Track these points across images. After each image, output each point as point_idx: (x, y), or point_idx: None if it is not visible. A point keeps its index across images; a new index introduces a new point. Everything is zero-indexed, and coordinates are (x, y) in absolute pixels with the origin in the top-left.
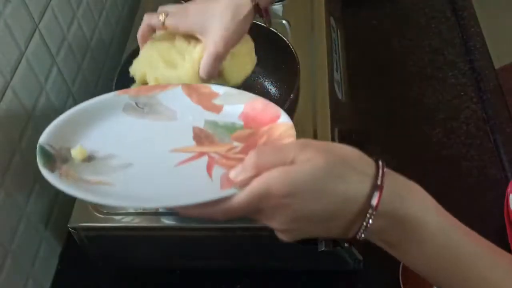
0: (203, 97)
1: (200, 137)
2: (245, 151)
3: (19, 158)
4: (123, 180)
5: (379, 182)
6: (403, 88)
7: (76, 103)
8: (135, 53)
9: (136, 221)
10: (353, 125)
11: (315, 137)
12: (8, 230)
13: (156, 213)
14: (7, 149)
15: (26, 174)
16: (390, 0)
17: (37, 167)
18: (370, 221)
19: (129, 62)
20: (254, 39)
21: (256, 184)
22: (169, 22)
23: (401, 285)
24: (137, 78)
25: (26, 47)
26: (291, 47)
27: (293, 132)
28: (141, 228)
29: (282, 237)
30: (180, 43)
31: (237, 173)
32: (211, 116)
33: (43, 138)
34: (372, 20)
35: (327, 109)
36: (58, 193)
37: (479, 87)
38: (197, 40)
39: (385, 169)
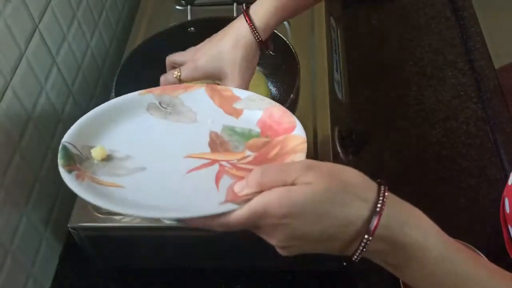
0: (224, 100)
1: (216, 143)
2: (255, 161)
3: (19, 158)
4: (134, 184)
5: (378, 208)
6: (403, 88)
7: (76, 103)
8: (135, 53)
9: (136, 221)
10: (353, 125)
11: (315, 136)
12: (8, 230)
13: None
14: (7, 149)
15: (26, 174)
16: (390, 0)
17: (37, 167)
18: (367, 244)
19: (129, 62)
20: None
21: (255, 203)
22: (184, 77)
23: (401, 285)
24: None
25: (26, 47)
26: (291, 47)
27: (304, 146)
28: (141, 228)
29: (282, 252)
30: None
31: (241, 188)
32: (230, 121)
33: (67, 138)
34: (372, 20)
35: (327, 109)
36: (58, 193)
37: (479, 87)
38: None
39: (386, 194)
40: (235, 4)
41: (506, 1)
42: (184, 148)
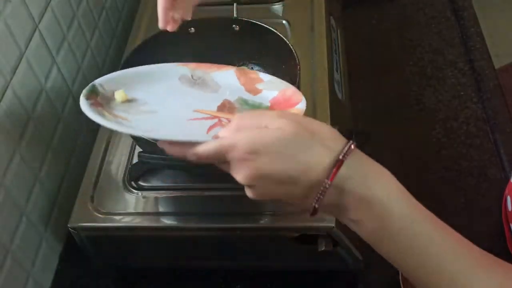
0: (249, 80)
1: (225, 106)
2: None
3: (19, 158)
4: (139, 119)
5: (340, 157)
6: (403, 88)
7: (76, 103)
8: (135, 53)
9: (136, 221)
10: (353, 125)
11: None
12: (8, 230)
13: (156, 213)
14: (7, 149)
15: (26, 174)
16: (390, 0)
17: (37, 167)
18: (327, 189)
19: (129, 62)
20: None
21: (226, 138)
22: None
23: (401, 285)
24: None
25: (26, 47)
26: (291, 47)
27: (300, 112)
28: (141, 228)
29: (248, 193)
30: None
31: (222, 131)
32: (246, 96)
33: (99, 80)
34: (372, 20)
35: (327, 109)
36: (58, 193)
37: (479, 87)
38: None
39: (352, 147)
40: (235, 4)
41: (506, 1)
42: (196, 105)
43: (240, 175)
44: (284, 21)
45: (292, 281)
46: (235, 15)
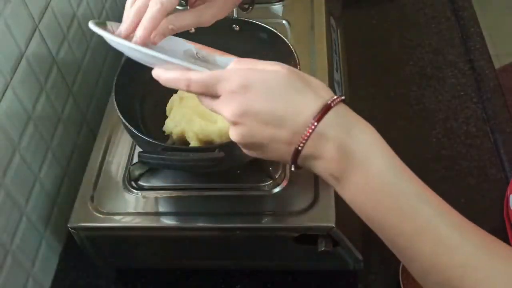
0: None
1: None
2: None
3: (19, 158)
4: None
5: (328, 102)
6: (403, 88)
7: (76, 103)
8: None
9: (136, 221)
10: None
11: None
12: (8, 230)
13: (156, 213)
14: (7, 149)
15: (26, 174)
16: (390, 0)
17: (37, 167)
18: (312, 132)
19: (129, 62)
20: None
21: (221, 70)
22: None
23: (401, 285)
24: (174, 135)
25: (26, 47)
26: (291, 47)
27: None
28: (141, 228)
29: (233, 133)
30: None
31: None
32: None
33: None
34: (372, 20)
35: None
36: (58, 193)
37: (479, 87)
38: None
39: (340, 99)
40: None
41: (506, 1)
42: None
43: (227, 109)
44: (284, 21)
45: (292, 281)
46: (235, 15)
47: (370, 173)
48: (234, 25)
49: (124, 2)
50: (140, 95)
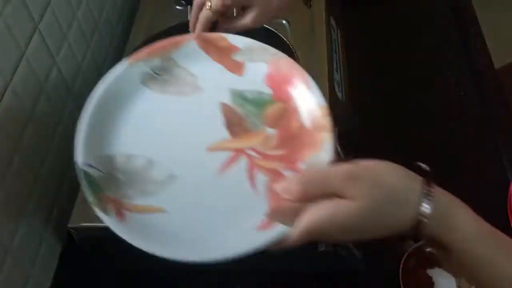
0: (222, 52)
1: (233, 123)
2: (281, 141)
3: (19, 158)
4: (172, 201)
5: (419, 218)
6: (403, 88)
7: (76, 103)
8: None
9: None
10: (353, 125)
11: None
12: (8, 230)
13: None
14: (7, 149)
15: (26, 174)
16: (390, 0)
17: (37, 167)
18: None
19: None
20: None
21: (307, 223)
22: (215, 5)
23: (401, 285)
24: None
25: (26, 47)
26: (291, 47)
27: (328, 120)
28: None
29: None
30: None
31: (283, 190)
32: (236, 82)
33: (80, 158)
34: (372, 20)
35: None
36: (58, 193)
37: (479, 87)
38: None
39: (432, 190)
40: None
41: (506, 1)
42: (202, 135)
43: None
44: (284, 21)
45: (292, 281)
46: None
47: (465, 257)
48: None
49: (123, 2)
50: None
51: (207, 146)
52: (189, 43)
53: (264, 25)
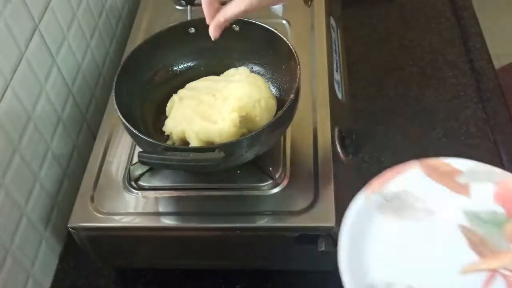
0: (445, 176)
1: (477, 244)
2: None
3: (19, 158)
4: None
5: None
6: (403, 88)
7: (76, 103)
8: (136, 53)
9: (136, 221)
10: (353, 125)
11: (315, 136)
12: (8, 230)
13: (156, 213)
14: (7, 149)
15: (26, 174)
16: (390, 0)
17: (37, 167)
18: None
19: (129, 62)
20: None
21: None
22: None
23: None
24: (174, 135)
25: (26, 47)
26: (291, 47)
27: None
28: (141, 228)
29: None
30: (207, 98)
31: None
32: (467, 204)
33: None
34: (372, 20)
35: (327, 109)
36: (58, 193)
37: (479, 87)
38: (220, 92)
39: None
40: None
41: (506, 1)
42: (450, 258)
43: None
44: (284, 21)
45: (292, 281)
46: None
47: None
48: (234, 25)
49: (123, 2)
50: (140, 95)
51: (459, 269)
52: (413, 170)
53: (264, 25)
